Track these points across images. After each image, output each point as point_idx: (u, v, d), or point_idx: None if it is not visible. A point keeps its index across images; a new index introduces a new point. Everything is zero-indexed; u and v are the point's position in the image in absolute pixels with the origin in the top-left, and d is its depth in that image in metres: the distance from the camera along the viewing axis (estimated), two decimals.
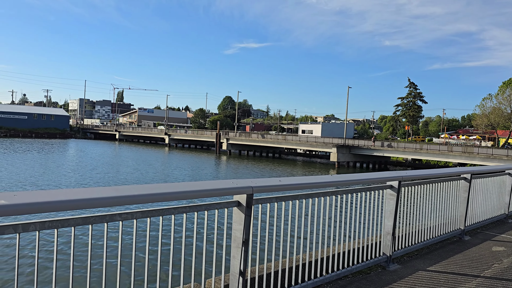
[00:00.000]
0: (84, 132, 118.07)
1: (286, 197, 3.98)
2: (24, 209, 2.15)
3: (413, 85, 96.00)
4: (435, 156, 54.14)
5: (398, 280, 4.92)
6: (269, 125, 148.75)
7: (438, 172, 6.57)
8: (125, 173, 37.77)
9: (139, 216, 2.87)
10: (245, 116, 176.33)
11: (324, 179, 4.34)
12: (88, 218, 2.62)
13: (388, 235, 5.38)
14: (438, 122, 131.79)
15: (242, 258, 3.45)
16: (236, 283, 3.49)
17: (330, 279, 4.55)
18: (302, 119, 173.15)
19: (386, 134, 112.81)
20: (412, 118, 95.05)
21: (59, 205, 2.28)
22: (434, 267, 5.51)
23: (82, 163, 45.11)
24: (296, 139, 71.03)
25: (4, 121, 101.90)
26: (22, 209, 2.14)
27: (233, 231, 3.52)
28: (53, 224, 2.46)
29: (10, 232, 2.31)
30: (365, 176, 5.05)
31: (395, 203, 5.35)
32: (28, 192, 2.32)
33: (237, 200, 3.49)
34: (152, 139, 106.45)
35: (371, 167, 63.06)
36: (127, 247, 10.14)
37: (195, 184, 3.16)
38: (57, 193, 2.37)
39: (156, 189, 2.84)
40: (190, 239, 3.52)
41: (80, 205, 2.37)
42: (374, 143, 59.93)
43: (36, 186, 27.61)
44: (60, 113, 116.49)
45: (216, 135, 78.75)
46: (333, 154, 60.18)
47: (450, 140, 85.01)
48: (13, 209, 2.11)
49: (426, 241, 6.36)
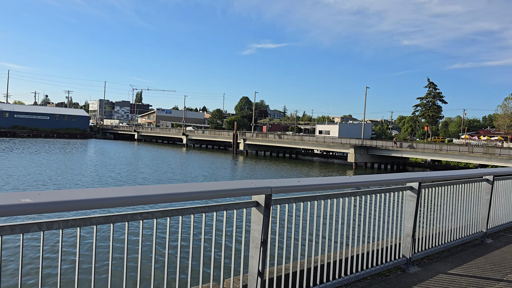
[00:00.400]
0: (103, 133, 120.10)
1: (304, 197, 3.97)
2: (48, 208, 2.20)
3: (432, 85, 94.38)
4: (455, 157, 53.06)
5: (418, 282, 4.84)
6: (286, 125, 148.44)
7: (459, 174, 6.44)
8: (144, 173, 38.25)
9: (159, 215, 2.90)
10: (262, 116, 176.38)
11: (342, 180, 4.31)
12: (110, 217, 2.66)
13: (408, 237, 5.30)
14: (458, 123, 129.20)
15: (261, 258, 3.45)
16: (255, 284, 3.49)
17: (348, 281, 4.51)
18: (319, 119, 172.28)
19: (405, 135, 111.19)
20: (432, 118, 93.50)
21: (81, 204, 2.33)
22: (455, 270, 5.41)
23: (102, 162, 45.89)
24: (313, 139, 70.67)
25: (27, 121, 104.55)
26: (46, 207, 2.19)
27: (251, 232, 3.53)
28: (76, 222, 2.51)
29: (34, 230, 2.36)
30: (384, 177, 4.99)
31: (415, 204, 5.27)
32: (52, 192, 2.37)
33: (255, 200, 3.49)
34: (170, 139, 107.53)
35: (389, 168, 62.22)
36: (147, 246, 10.24)
37: (214, 184, 3.17)
38: (80, 193, 2.42)
39: (175, 189, 2.87)
40: (209, 239, 3.53)
41: (101, 204, 2.41)
42: (395, 143, 58.61)
43: (59, 186, 28.22)
44: (81, 114, 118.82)
45: (233, 135, 79.00)
46: (350, 155, 59.62)
47: (471, 141, 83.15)
48: (37, 207, 2.16)
49: (447, 244, 6.24)
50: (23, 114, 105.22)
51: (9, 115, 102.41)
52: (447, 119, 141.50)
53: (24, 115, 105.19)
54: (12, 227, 2.28)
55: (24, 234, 2.34)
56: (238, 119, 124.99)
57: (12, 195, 2.20)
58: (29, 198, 2.18)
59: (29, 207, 2.12)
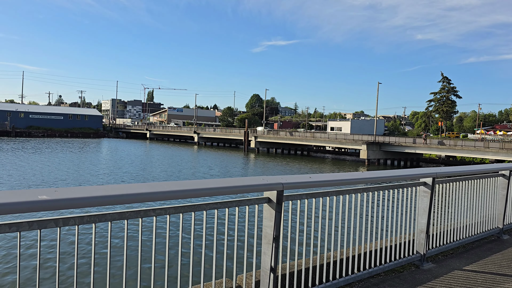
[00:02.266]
0: (116, 132, 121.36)
1: (316, 194, 3.96)
2: (64, 204, 2.24)
3: (446, 79, 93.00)
4: (470, 153, 52.26)
5: (433, 279, 4.79)
6: (297, 122, 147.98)
7: (474, 169, 6.35)
8: (157, 171, 38.57)
9: (172, 211, 2.94)
10: (273, 114, 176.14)
11: (355, 175, 4.29)
12: (124, 213, 2.70)
13: (422, 233, 5.25)
14: (473, 118, 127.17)
15: (273, 254, 3.46)
16: (267, 280, 3.50)
17: (361, 277, 4.49)
18: (330, 116, 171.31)
19: (418, 131, 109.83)
20: (446, 113, 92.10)
21: (96, 200, 2.37)
22: (471, 266, 5.34)
23: (116, 161, 46.41)
24: (324, 136, 70.34)
25: (42, 121, 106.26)
26: (63, 204, 2.24)
27: (263, 228, 3.54)
28: (91, 218, 2.56)
29: (51, 226, 2.41)
30: (397, 173, 4.95)
31: (429, 200, 5.21)
32: (68, 188, 2.42)
33: (267, 196, 3.50)
34: (182, 137, 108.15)
35: (402, 164, 61.62)
36: (160, 242, 10.37)
37: (226, 180, 3.19)
38: (95, 189, 2.46)
39: (188, 185, 2.89)
40: (222, 235, 3.56)
41: (116, 201, 2.45)
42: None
43: (75, 182, 28.64)
44: (94, 113, 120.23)
45: (244, 133, 79.09)
46: (363, 151, 59.19)
47: (487, 136, 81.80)
48: (54, 204, 2.21)
49: (462, 240, 6.17)
50: (37, 115, 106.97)
51: (24, 115, 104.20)
52: (462, 114, 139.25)
53: (38, 116, 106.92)
54: (30, 223, 2.33)
55: (41, 230, 2.39)
56: (249, 116, 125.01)
57: (30, 192, 2.25)
58: (45, 195, 2.23)
59: (46, 203, 2.17)
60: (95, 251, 2.71)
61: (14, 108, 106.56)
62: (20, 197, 2.14)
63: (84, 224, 2.54)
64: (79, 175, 32.90)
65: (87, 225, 2.59)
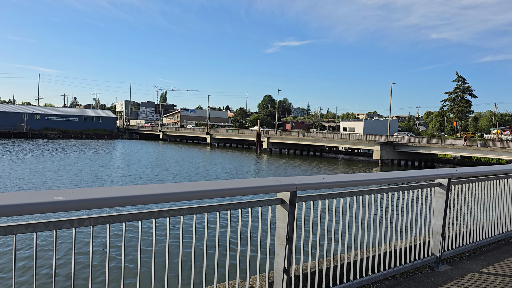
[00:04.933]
0: (130, 133, 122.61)
1: (329, 195, 3.93)
2: (79, 205, 2.27)
3: (461, 78, 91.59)
4: (486, 153, 51.34)
5: (449, 281, 4.72)
6: (310, 123, 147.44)
7: (491, 169, 6.23)
8: (170, 172, 38.84)
9: (186, 212, 2.95)
10: (285, 114, 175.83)
11: (368, 176, 4.25)
12: (138, 214, 2.72)
13: (437, 234, 5.17)
14: (489, 117, 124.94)
15: (286, 255, 3.45)
16: (281, 281, 3.49)
17: (376, 279, 4.44)
18: (343, 116, 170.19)
19: (433, 131, 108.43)
20: (461, 113, 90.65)
21: (111, 201, 2.39)
22: (488, 269, 5.24)
23: (130, 161, 46.88)
24: (337, 137, 69.92)
25: (58, 123, 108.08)
26: (78, 204, 2.26)
27: (276, 229, 3.53)
28: (106, 219, 2.58)
29: (67, 227, 2.44)
30: (412, 174, 4.89)
31: (444, 201, 5.14)
32: (83, 189, 2.45)
33: (280, 197, 3.49)
34: (194, 138, 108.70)
35: (416, 165, 60.89)
36: (173, 243, 10.41)
37: (239, 181, 3.19)
38: (109, 190, 2.48)
39: (201, 186, 2.90)
40: (235, 236, 3.56)
41: (130, 202, 2.47)
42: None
43: (90, 184, 29.03)
44: (108, 115, 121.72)
45: (256, 134, 79.12)
46: (376, 152, 58.65)
47: (503, 136, 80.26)
48: (69, 205, 2.23)
49: (478, 242, 6.06)
50: (53, 116, 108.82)
51: (40, 117, 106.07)
52: (477, 114, 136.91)
53: (54, 117, 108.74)
54: (46, 224, 2.36)
55: (57, 230, 2.42)
56: (261, 117, 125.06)
57: (46, 193, 2.28)
58: (61, 196, 2.26)
59: (61, 204, 2.20)
60: (110, 251, 2.73)
61: (31, 110, 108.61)
62: (37, 198, 2.17)
63: (98, 224, 2.56)
64: (94, 177, 33.32)
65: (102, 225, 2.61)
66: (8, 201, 2.07)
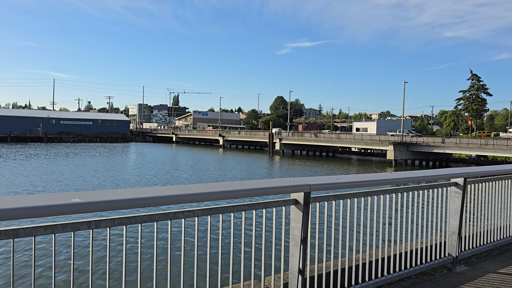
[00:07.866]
0: (143, 136, 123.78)
1: (343, 195, 3.91)
2: (96, 207, 2.30)
3: (476, 77, 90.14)
4: (502, 152, 50.37)
5: (466, 282, 4.64)
6: (322, 124, 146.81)
7: (507, 168, 6.12)
8: (184, 173, 39.08)
9: (200, 214, 2.96)
10: (297, 115, 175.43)
11: (383, 176, 4.21)
12: (153, 216, 2.74)
13: (454, 235, 5.10)
14: (505, 116, 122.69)
15: (301, 256, 3.44)
16: (296, 282, 3.48)
17: (391, 280, 4.40)
18: (355, 117, 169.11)
19: (447, 130, 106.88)
20: (476, 112, 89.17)
21: (127, 203, 2.42)
22: (506, 269, 5.15)
23: (144, 164, 47.33)
24: (350, 137, 69.44)
25: (72, 127, 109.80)
26: (95, 206, 2.30)
27: (291, 229, 3.52)
28: (122, 221, 2.61)
29: (84, 228, 2.48)
30: (427, 173, 4.83)
31: (460, 201, 5.06)
32: (100, 191, 2.48)
33: (294, 198, 3.49)
34: (207, 140, 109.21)
35: (431, 164, 60.09)
36: (188, 243, 10.50)
37: (253, 182, 3.20)
38: (126, 192, 2.51)
39: (215, 187, 2.91)
40: (249, 237, 3.57)
41: (145, 203, 2.50)
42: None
43: (107, 185, 29.39)
44: (121, 118, 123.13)
45: (268, 135, 79.08)
46: (389, 152, 58.05)
47: None
48: (86, 207, 2.27)
49: (496, 242, 5.95)
50: (68, 120, 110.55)
51: (55, 121, 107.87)
52: (493, 112, 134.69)
53: (69, 121, 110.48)
54: (64, 225, 2.40)
55: (74, 232, 2.46)
56: (273, 118, 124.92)
57: (63, 195, 2.32)
58: (78, 198, 2.29)
59: (78, 206, 2.24)
60: (126, 253, 2.76)
61: (46, 114, 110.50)
62: (54, 200, 2.21)
63: (115, 226, 2.59)
64: (110, 179, 33.71)
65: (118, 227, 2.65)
66: (27, 203, 2.12)
